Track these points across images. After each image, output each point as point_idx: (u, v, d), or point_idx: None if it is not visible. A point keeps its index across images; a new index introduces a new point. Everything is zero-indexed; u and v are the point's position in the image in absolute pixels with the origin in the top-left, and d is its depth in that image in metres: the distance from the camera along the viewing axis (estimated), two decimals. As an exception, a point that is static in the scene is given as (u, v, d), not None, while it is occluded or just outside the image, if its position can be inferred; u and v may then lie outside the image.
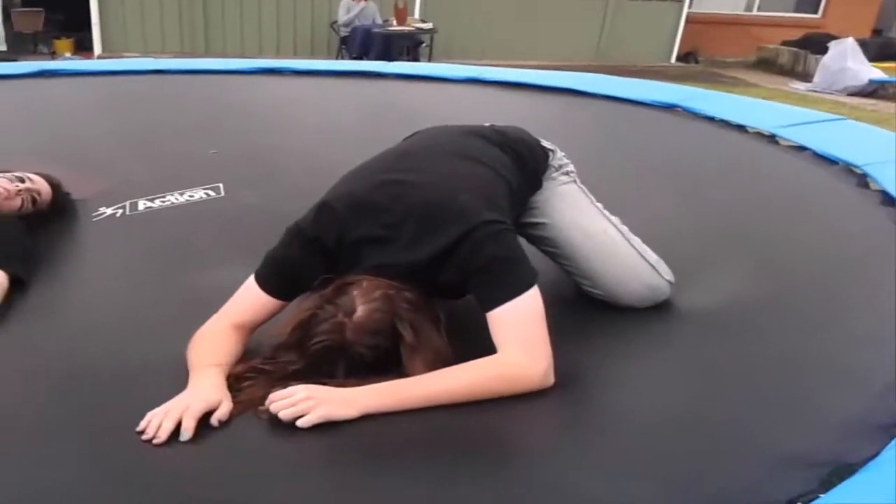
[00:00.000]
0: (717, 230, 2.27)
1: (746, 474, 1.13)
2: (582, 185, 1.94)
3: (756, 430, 1.28)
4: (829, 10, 13.38)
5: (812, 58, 10.73)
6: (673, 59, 11.74)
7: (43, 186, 2.20)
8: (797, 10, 13.48)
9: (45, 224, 2.18)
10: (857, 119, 7.24)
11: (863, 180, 2.48)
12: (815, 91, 9.68)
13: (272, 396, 1.30)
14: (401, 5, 9.22)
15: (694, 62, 12.02)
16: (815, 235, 2.20)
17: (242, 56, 8.90)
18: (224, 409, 1.32)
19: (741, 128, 3.11)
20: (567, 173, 1.93)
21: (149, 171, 2.77)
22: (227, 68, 4.43)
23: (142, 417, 1.27)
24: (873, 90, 9.31)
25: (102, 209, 2.38)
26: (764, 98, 8.69)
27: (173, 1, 9.47)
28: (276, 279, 1.57)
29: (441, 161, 1.71)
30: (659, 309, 1.79)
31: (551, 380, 1.42)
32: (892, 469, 1.10)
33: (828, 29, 12.14)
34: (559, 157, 1.93)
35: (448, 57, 9.40)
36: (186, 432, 1.25)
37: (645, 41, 11.46)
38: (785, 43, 11.99)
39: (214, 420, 1.29)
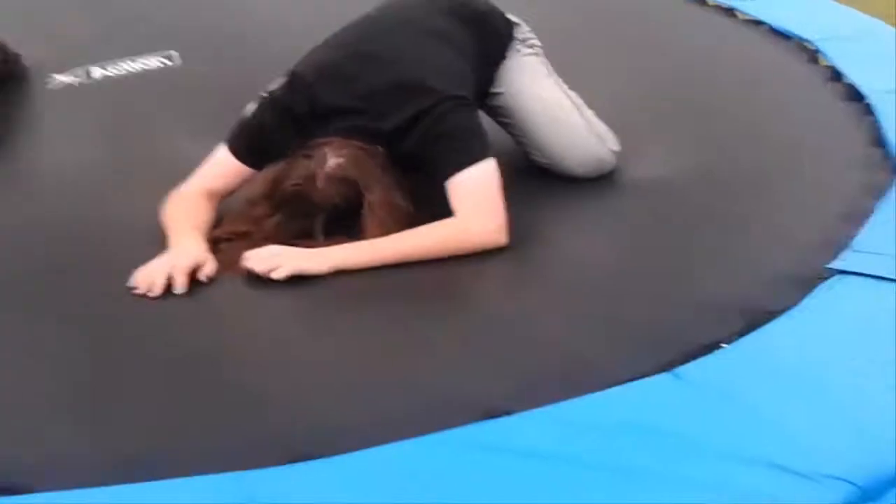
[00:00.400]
0: (666, 102, 2.34)
1: (677, 316, 1.33)
2: (545, 59, 2.03)
3: (687, 281, 1.47)
4: None
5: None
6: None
7: None
8: None
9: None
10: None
11: (813, 56, 2.58)
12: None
13: (247, 254, 1.44)
14: None
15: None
16: (760, 109, 2.29)
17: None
18: (210, 265, 1.46)
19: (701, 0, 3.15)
20: (531, 46, 2.01)
21: (95, 33, 2.74)
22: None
23: (124, 273, 1.38)
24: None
25: (56, 76, 2.40)
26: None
27: None
28: (248, 146, 1.69)
29: (412, 38, 1.81)
30: (605, 178, 1.91)
31: (505, 239, 1.57)
32: (808, 317, 1.27)
33: None
34: (524, 30, 2.02)
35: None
36: (180, 287, 1.40)
37: None
38: None
39: (202, 276, 1.44)
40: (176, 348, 1.29)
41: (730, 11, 3.02)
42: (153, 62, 2.55)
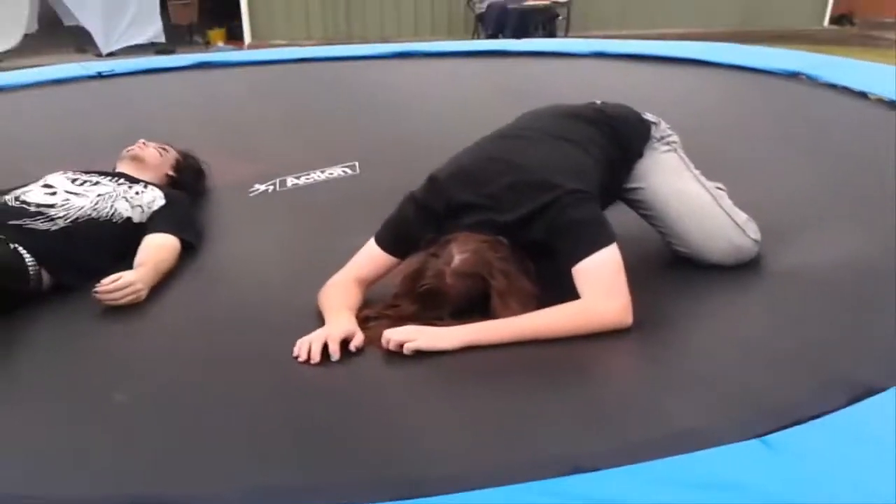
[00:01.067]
0: (827, 195, 2.42)
1: (784, 388, 1.41)
2: (683, 154, 2.15)
3: (798, 355, 1.54)
4: None
5: (983, 14, 10.11)
6: (825, 22, 11.30)
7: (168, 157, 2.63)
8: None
9: (209, 199, 2.64)
10: None
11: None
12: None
13: (388, 331, 1.65)
14: (538, -20, 9.42)
15: (849, 24, 11.53)
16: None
17: (382, 38, 9.39)
18: (359, 338, 1.68)
19: (863, 95, 3.18)
20: (668, 143, 2.14)
21: (295, 152, 3.17)
22: (364, 54, 4.82)
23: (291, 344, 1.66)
24: None
25: (257, 186, 2.80)
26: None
27: (317, -11, 10.10)
28: (392, 239, 1.94)
29: (540, 143, 2.00)
30: (746, 266, 1.98)
31: (629, 320, 1.68)
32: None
33: None
34: (662, 128, 2.15)
35: (585, 29, 9.53)
36: (334, 355, 1.63)
37: (793, 3, 11.09)
38: (954, -1, 11.32)
39: (352, 346, 1.66)
40: (321, 406, 1.52)
41: (893, 105, 3.02)
42: (337, 172, 2.92)
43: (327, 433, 1.41)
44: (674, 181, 2.06)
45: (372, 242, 1.96)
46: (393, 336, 1.63)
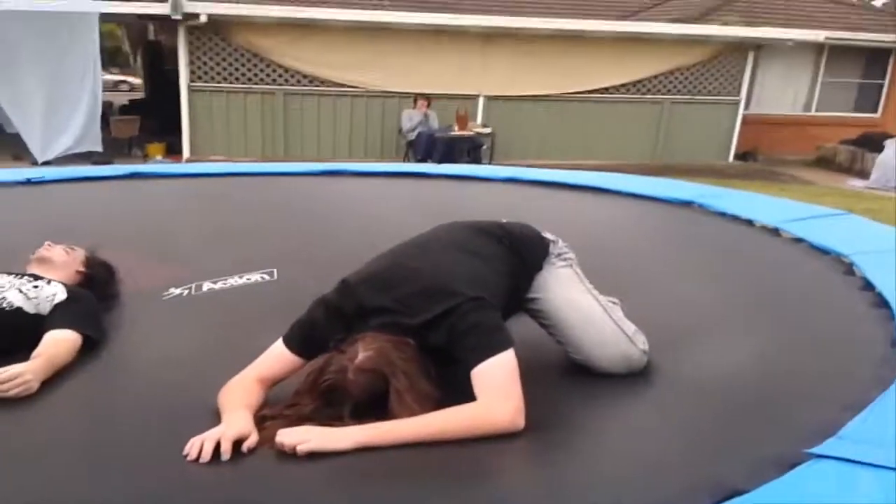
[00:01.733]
0: (712, 311, 2.53)
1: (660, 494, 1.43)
2: (578, 270, 2.22)
3: (668, 463, 1.57)
4: (889, 108, 13.49)
5: (869, 156, 10.86)
6: (731, 158, 11.96)
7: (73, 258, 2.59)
8: (856, 110, 13.62)
9: (121, 301, 2.62)
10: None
11: (849, 268, 2.70)
12: (872, 188, 9.78)
13: (282, 431, 1.62)
14: (462, 112, 9.81)
15: (753, 160, 12.23)
16: (797, 316, 2.42)
17: (318, 160, 9.56)
18: (253, 438, 1.64)
19: (749, 222, 3.37)
20: (565, 259, 2.22)
21: (215, 259, 3.17)
22: (293, 171, 4.91)
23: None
24: (929, 186, 9.38)
25: (172, 290, 2.78)
26: (819, 195, 8.86)
27: (256, 111, 10.29)
28: (301, 339, 1.92)
29: (447, 253, 2.06)
30: (634, 375, 2.04)
31: (521, 423, 1.69)
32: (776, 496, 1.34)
33: (887, 128, 12.25)
34: (560, 245, 2.24)
35: (507, 158, 9.89)
36: (225, 454, 1.58)
37: (702, 141, 11.75)
38: (843, 142, 12.13)
39: (245, 447, 1.62)
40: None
41: (774, 231, 3.21)
42: (255, 277, 2.93)
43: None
44: (568, 293, 2.12)
45: (279, 342, 1.94)
46: (285, 439, 1.60)
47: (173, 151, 10.48)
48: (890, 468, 1.37)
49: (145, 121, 11.17)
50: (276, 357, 1.93)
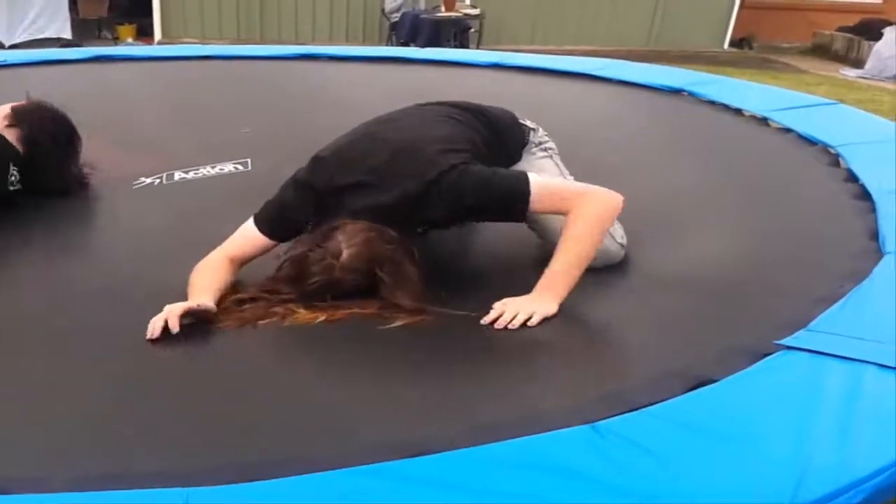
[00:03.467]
0: (697, 202, 2.52)
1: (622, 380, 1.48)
2: (559, 161, 2.20)
3: (640, 349, 1.63)
4: (893, -6, 13.17)
5: (866, 44, 10.64)
6: (725, 45, 11.73)
7: None
8: (859, -7, 13.30)
9: (90, 190, 2.60)
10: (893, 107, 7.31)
11: (835, 160, 2.70)
12: (865, 77, 9.64)
13: (498, 322, 1.70)
14: (450, -9, 9.51)
15: (748, 48, 12.00)
16: (779, 206, 2.43)
17: (297, 42, 9.31)
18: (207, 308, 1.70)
19: (737, 111, 3.34)
20: (545, 149, 2.20)
21: (188, 147, 3.11)
22: (268, 54, 4.78)
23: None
24: (924, 79, 9.26)
25: (143, 179, 2.74)
26: (811, 84, 8.76)
27: (230, -11, 9.94)
28: (271, 220, 1.93)
29: (419, 120, 2.05)
30: (611, 268, 2.02)
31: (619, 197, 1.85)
32: (739, 386, 1.38)
33: (888, 14, 11.98)
34: (540, 134, 2.21)
35: (497, 42, 9.65)
36: (173, 328, 1.62)
37: (698, 26, 11.47)
38: (840, 29, 11.89)
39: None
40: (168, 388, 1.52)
41: (763, 121, 3.18)
42: (228, 167, 2.89)
43: (176, 415, 1.40)
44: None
45: (250, 222, 1.94)
46: (508, 320, 1.68)
47: (144, 33, 10.16)
48: (858, 360, 1.40)
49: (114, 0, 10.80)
50: (246, 237, 1.94)
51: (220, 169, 2.87)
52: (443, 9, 9.42)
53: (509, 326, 1.68)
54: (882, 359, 1.39)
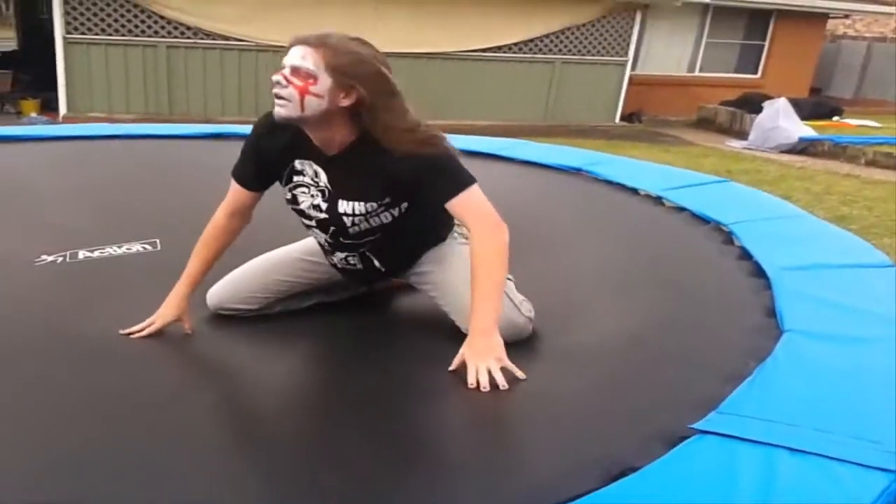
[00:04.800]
0: (598, 279, 2.57)
1: (548, 471, 1.43)
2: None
3: (559, 435, 1.59)
4: (768, 69, 14.03)
5: (748, 117, 11.27)
6: (617, 119, 12.21)
7: None
8: (738, 71, 14.10)
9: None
10: (783, 176, 7.71)
11: (728, 237, 2.78)
12: (750, 148, 10.17)
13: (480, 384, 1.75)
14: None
15: (637, 121, 12.52)
16: (676, 285, 2.46)
17: (206, 118, 9.19)
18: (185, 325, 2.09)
19: (634, 190, 3.43)
20: (465, 237, 2.21)
21: (94, 226, 3.00)
22: (178, 133, 4.68)
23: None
24: (804, 148, 9.81)
25: (45, 256, 2.62)
26: (700, 156, 9.16)
27: (138, 64, 9.77)
28: (243, 167, 2.11)
29: None
30: (519, 343, 2.01)
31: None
32: (663, 473, 1.36)
33: (766, 89, 12.74)
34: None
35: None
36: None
37: (590, 102, 11.91)
38: (724, 103, 12.56)
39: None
40: None
41: (657, 199, 3.27)
42: (136, 247, 2.79)
43: None
44: (459, 264, 2.09)
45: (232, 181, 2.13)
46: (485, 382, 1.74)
47: (49, 108, 9.89)
48: (772, 445, 1.41)
49: (19, 74, 10.47)
50: (234, 193, 2.14)
51: (127, 248, 2.77)
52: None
53: (482, 389, 1.73)
54: (796, 443, 1.40)
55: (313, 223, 2.08)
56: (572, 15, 11.51)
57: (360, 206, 1.98)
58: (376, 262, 2.14)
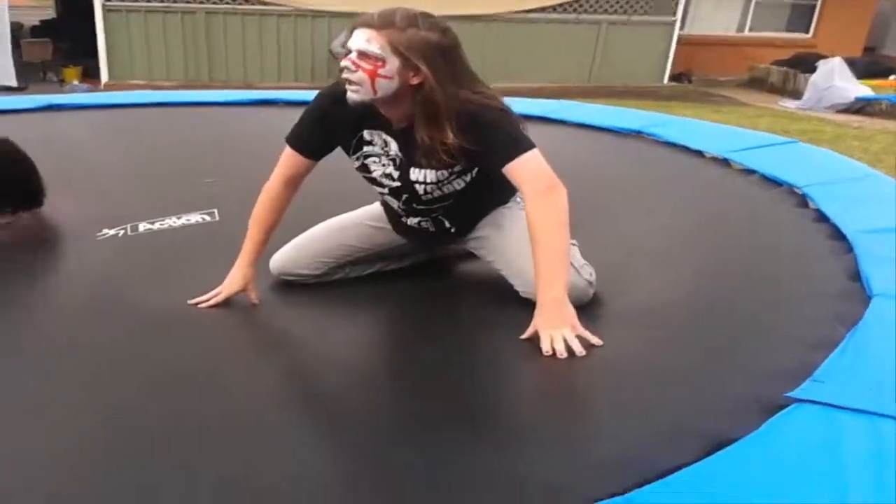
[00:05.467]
0: (669, 248, 2.50)
1: (636, 442, 1.38)
2: None
3: (648, 408, 1.52)
4: (820, 29, 13.63)
5: (802, 76, 10.99)
6: (665, 80, 11.98)
7: None
8: (788, 30, 13.74)
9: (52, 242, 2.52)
10: (840, 136, 7.53)
11: (802, 200, 2.71)
12: (804, 108, 9.92)
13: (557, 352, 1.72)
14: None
15: (687, 82, 12.28)
16: (752, 250, 2.41)
17: (245, 83, 9.21)
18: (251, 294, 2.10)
19: (698, 153, 3.35)
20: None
21: (151, 197, 3.01)
22: (224, 100, 4.69)
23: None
24: (860, 107, 9.56)
25: (105, 230, 2.63)
26: (753, 116, 8.97)
27: (177, 31, 9.80)
28: (306, 135, 2.06)
29: None
30: (586, 309, 1.94)
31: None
32: (761, 445, 1.32)
33: (819, 48, 12.40)
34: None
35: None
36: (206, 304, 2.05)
37: (637, 63, 11.70)
38: (776, 62, 12.26)
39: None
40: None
41: (724, 162, 3.19)
42: (195, 218, 2.79)
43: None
44: (523, 231, 2.01)
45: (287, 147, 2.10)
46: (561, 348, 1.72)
47: (90, 75, 9.97)
48: (875, 413, 1.36)
49: (59, 43, 10.57)
50: (288, 158, 2.10)
51: (187, 220, 2.77)
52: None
53: (559, 356, 1.71)
54: (898, 411, 1.36)
55: (386, 190, 2.09)
56: (619, -27, 11.28)
57: (431, 175, 1.99)
58: (447, 224, 2.14)
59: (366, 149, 2.04)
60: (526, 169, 1.86)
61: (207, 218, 2.80)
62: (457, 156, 1.92)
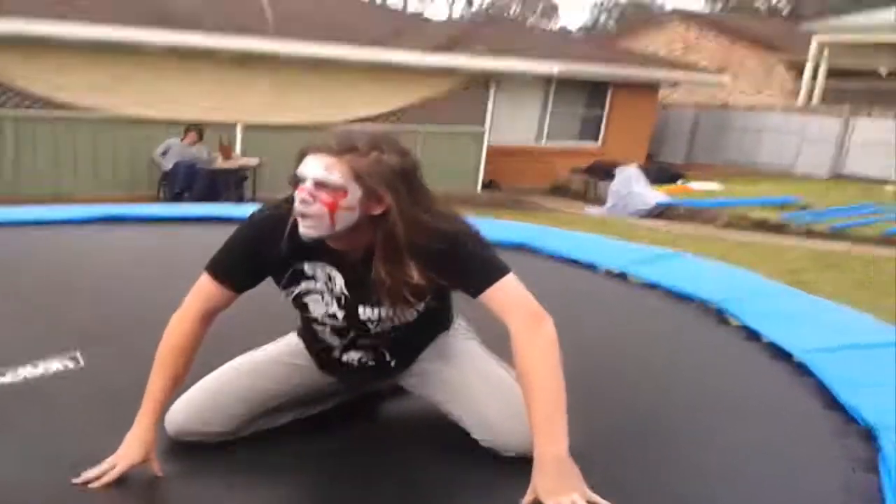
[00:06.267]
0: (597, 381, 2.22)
1: None
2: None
3: None
4: (608, 138, 14.58)
5: (600, 184, 11.61)
6: (479, 188, 12.23)
7: None
8: (581, 139, 14.58)
9: None
10: (652, 241, 7.83)
11: (720, 316, 2.58)
12: (609, 214, 10.41)
13: None
14: (225, 142, 9.04)
15: (497, 190, 12.61)
16: (697, 382, 2.19)
17: (56, 196, 8.32)
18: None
19: (591, 266, 3.19)
20: (473, 333, 1.91)
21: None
22: (60, 218, 4.03)
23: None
24: (660, 212, 10.16)
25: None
26: (568, 222, 9.22)
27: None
28: (232, 265, 1.68)
29: None
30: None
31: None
32: None
33: (607, 156, 13.23)
34: (463, 323, 1.93)
35: (273, 190, 9.22)
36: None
37: (453, 171, 11.86)
38: (575, 170, 12.92)
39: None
40: None
41: (622, 276, 3.05)
42: (55, 365, 2.21)
43: None
44: (478, 363, 1.82)
45: (203, 276, 1.68)
46: None
47: None
48: None
49: None
50: (213, 292, 1.68)
51: (45, 368, 2.17)
52: (220, 159, 8.91)
53: None
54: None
55: (327, 329, 1.75)
56: (432, 88, 11.51)
57: (384, 311, 1.67)
58: (387, 357, 1.82)
59: (304, 284, 1.69)
60: (506, 296, 1.59)
61: (70, 364, 2.22)
62: (425, 292, 1.63)
